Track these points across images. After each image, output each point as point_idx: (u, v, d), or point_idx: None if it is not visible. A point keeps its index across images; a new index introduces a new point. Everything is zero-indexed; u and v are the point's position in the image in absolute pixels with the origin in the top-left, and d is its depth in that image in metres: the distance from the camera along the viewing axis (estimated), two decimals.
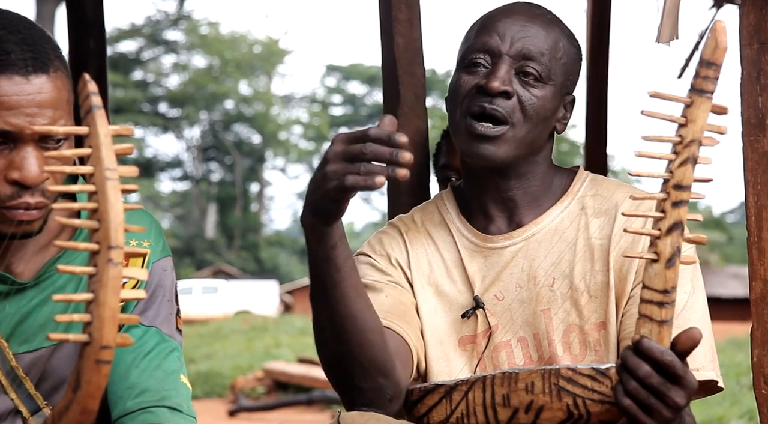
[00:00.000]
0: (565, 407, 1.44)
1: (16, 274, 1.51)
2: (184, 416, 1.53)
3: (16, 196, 1.42)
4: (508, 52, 1.63)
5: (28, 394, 1.51)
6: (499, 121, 1.62)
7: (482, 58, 1.65)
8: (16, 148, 1.41)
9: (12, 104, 1.39)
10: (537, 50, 1.64)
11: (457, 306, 1.68)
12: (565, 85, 1.68)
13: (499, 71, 1.62)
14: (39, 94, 1.40)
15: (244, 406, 10.66)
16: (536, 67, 1.63)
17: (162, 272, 1.58)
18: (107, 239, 1.10)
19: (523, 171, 1.68)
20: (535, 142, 1.66)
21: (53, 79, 1.42)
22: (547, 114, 1.65)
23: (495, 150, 1.62)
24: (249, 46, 44.73)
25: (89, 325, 1.11)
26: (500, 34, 1.64)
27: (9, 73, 1.39)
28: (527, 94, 1.63)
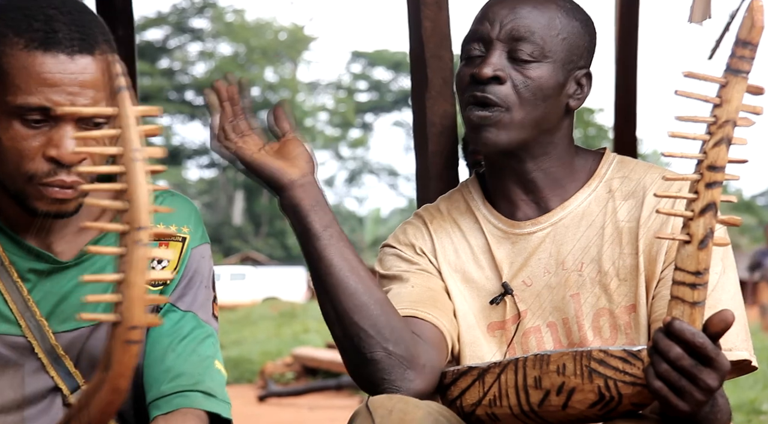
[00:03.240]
0: (596, 389, 1.43)
1: (56, 253, 1.53)
2: (218, 401, 1.55)
3: (53, 173, 1.44)
4: (498, 37, 1.63)
5: (68, 372, 1.53)
6: (493, 106, 1.61)
7: (477, 47, 1.65)
8: (55, 126, 1.43)
9: (55, 81, 1.41)
10: (527, 30, 1.62)
11: (486, 293, 1.68)
12: (570, 60, 1.65)
13: (490, 58, 1.62)
14: (82, 74, 1.42)
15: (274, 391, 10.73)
16: (527, 47, 1.62)
17: (200, 258, 1.60)
18: (135, 219, 1.11)
19: (539, 152, 1.66)
20: (542, 122, 1.64)
21: (98, 61, 1.44)
22: (549, 92, 1.63)
23: (495, 136, 1.61)
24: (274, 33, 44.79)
25: (119, 305, 1.12)
26: (490, 20, 1.64)
27: (54, 50, 1.41)
28: (521, 77, 1.62)
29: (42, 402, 1.53)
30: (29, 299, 1.51)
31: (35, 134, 1.43)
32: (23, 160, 1.43)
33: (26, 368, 1.52)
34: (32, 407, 1.52)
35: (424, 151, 2.33)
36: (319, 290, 1.54)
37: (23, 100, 1.41)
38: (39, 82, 1.41)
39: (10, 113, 1.42)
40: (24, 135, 1.43)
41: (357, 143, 47.64)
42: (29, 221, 1.51)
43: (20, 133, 1.43)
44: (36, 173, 1.44)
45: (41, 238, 1.52)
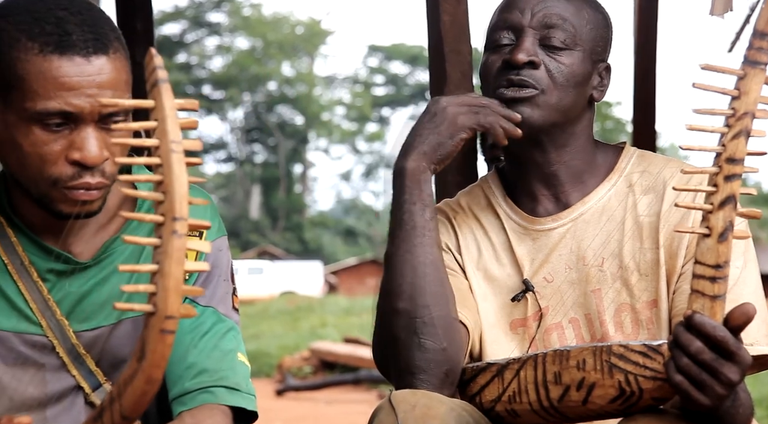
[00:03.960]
0: (617, 384, 1.43)
1: (75, 254, 1.54)
2: (243, 394, 1.55)
3: (77, 176, 1.44)
4: (530, 24, 1.63)
5: (89, 370, 1.54)
6: (529, 87, 1.62)
7: (506, 35, 1.65)
8: (76, 128, 1.43)
9: (73, 85, 1.41)
10: (559, 17, 1.63)
11: (507, 290, 1.67)
12: (595, 51, 1.66)
13: (524, 43, 1.62)
14: (99, 75, 1.42)
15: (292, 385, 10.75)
16: (560, 34, 1.63)
17: (218, 251, 1.59)
18: (172, 210, 1.12)
19: (562, 143, 1.67)
20: (570, 109, 1.65)
21: (113, 60, 1.43)
22: (579, 80, 1.64)
23: (530, 112, 1.61)
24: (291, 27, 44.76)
25: (154, 295, 1.13)
26: (520, 8, 1.64)
27: (70, 54, 1.41)
28: (554, 63, 1.62)
29: (64, 401, 1.53)
30: (49, 298, 1.52)
31: (56, 138, 1.42)
32: (46, 165, 1.43)
33: (48, 367, 1.52)
34: (55, 405, 1.53)
35: None
36: (406, 261, 1.54)
37: (43, 106, 1.40)
38: (57, 87, 1.40)
39: (30, 119, 1.42)
40: (45, 140, 1.42)
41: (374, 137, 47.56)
42: (49, 222, 1.51)
43: (41, 138, 1.42)
44: (60, 177, 1.44)
45: (60, 238, 1.52)
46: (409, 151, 1.57)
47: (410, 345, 1.52)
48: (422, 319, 1.52)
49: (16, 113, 1.43)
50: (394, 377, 1.56)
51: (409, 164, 1.56)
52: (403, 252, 1.54)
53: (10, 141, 1.45)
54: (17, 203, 1.53)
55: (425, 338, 1.51)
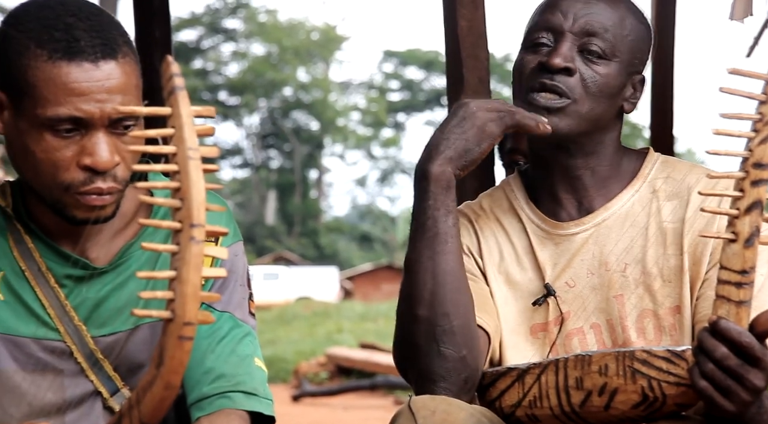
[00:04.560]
0: (639, 389, 1.42)
1: (91, 259, 1.54)
2: (260, 399, 1.55)
3: (89, 181, 1.44)
4: (571, 29, 1.61)
5: (108, 376, 1.54)
6: (562, 95, 1.60)
7: (545, 36, 1.63)
8: (87, 134, 1.43)
9: (82, 91, 1.41)
10: (601, 26, 1.61)
11: (528, 294, 1.66)
12: (632, 63, 1.65)
13: (561, 48, 1.60)
14: (108, 80, 1.42)
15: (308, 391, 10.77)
16: (600, 43, 1.61)
17: (234, 257, 1.59)
18: (189, 217, 1.12)
19: (590, 150, 1.65)
20: (600, 119, 1.64)
21: (122, 64, 1.43)
22: (612, 91, 1.63)
23: (557, 122, 1.60)
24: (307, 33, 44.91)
25: (172, 302, 1.13)
26: (563, 11, 1.62)
27: (79, 59, 1.41)
28: (590, 72, 1.61)
29: (82, 406, 1.53)
30: (67, 304, 1.52)
31: (68, 144, 1.43)
32: (58, 170, 1.43)
33: (66, 372, 1.52)
34: (73, 411, 1.53)
35: None
36: (426, 268, 1.53)
37: (53, 112, 1.41)
38: (67, 93, 1.40)
39: (41, 125, 1.42)
40: (56, 146, 1.43)
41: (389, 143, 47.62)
42: (65, 228, 1.51)
43: (52, 144, 1.43)
44: (72, 183, 1.44)
45: (77, 244, 1.52)
46: (435, 156, 1.55)
47: (430, 353, 1.52)
48: (442, 327, 1.51)
49: (28, 120, 1.43)
50: (413, 382, 1.56)
51: (435, 169, 1.54)
52: (424, 259, 1.53)
53: (24, 148, 1.45)
54: (33, 210, 1.54)
55: (445, 346, 1.51)
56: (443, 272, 1.52)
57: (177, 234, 1.13)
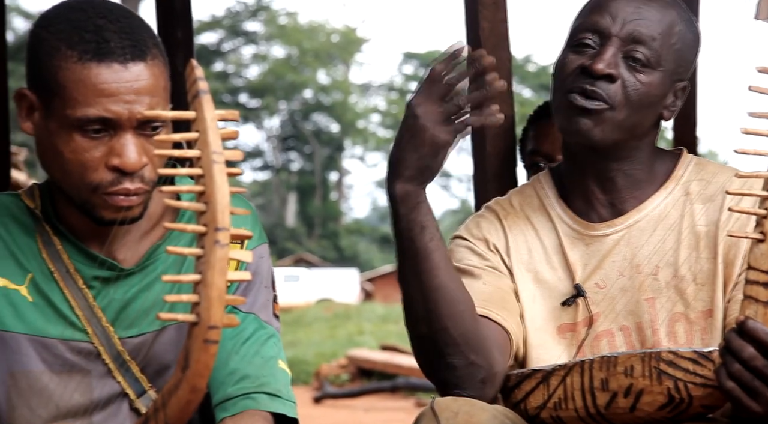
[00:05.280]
0: (665, 390, 1.42)
1: (120, 261, 1.55)
2: (284, 401, 1.55)
3: (116, 182, 1.45)
4: (618, 34, 1.59)
5: (134, 377, 1.54)
6: (601, 101, 1.59)
7: (591, 38, 1.61)
8: (115, 135, 1.44)
9: (111, 91, 1.42)
10: (648, 34, 1.59)
11: (557, 294, 1.65)
12: (677, 71, 1.62)
13: (606, 53, 1.58)
14: (137, 82, 1.43)
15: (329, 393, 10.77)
16: (646, 51, 1.58)
17: (259, 259, 1.59)
18: (214, 220, 1.12)
19: (624, 155, 1.64)
20: (636, 127, 1.62)
21: (150, 66, 1.44)
22: (652, 100, 1.60)
23: (592, 127, 1.58)
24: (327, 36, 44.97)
25: (197, 305, 1.13)
26: (612, 14, 1.60)
27: (108, 60, 1.42)
28: (632, 80, 1.58)
29: (110, 407, 1.54)
30: (95, 305, 1.53)
31: (96, 144, 1.44)
32: (87, 171, 1.45)
33: (94, 373, 1.53)
34: (100, 412, 1.53)
35: (482, 153, 2.33)
36: (415, 288, 1.51)
37: (82, 113, 1.42)
38: (96, 94, 1.42)
39: (71, 126, 1.43)
40: (85, 146, 1.44)
41: None
42: (93, 229, 1.52)
43: (81, 144, 1.44)
44: (100, 183, 1.45)
45: (105, 246, 1.53)
46: (396, 177, 1.49)
47: (439, 366, 1.52)
48: (443, 341, 1.51)
49: (58, 121, 1.44)
50: (436, 387, 1.56)
51: (399, 191, 1.49)
52: (411, 279, 1.52)
53: (53, 149, 1.46)
54: (62, 212, 1.55)
55: (451, 358, 1.51)
56: (432, 289, 1.50)
57: (202, 237, 1.14)
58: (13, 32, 29.65)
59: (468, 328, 1.51)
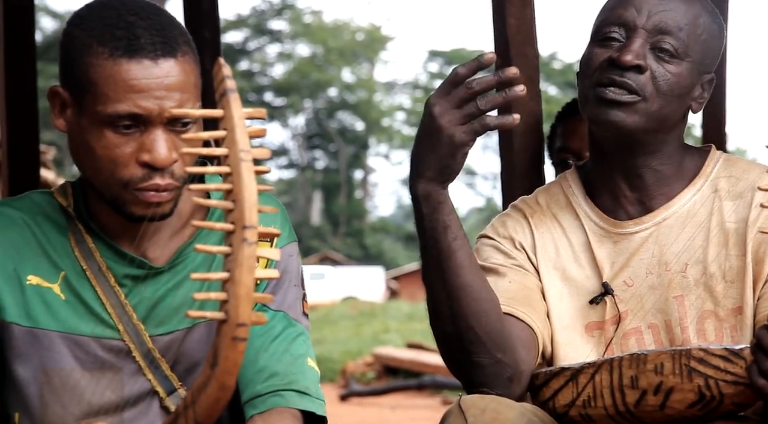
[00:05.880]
0: (696, 388, 1.41)
1: (151, 259, 1.56)
2: (312, 399, 1.55)
3: (147, 178, 1.46)
4: (644, 26, 1.59)
5: (164, 375, 1.55)
6: (631, 92, 1.58)
7: (617, 31, 1.60)
8: (146, 131, 1.45)
9: (141, 88, 1.43)
10: (675, 24, 1.59)
11: (585, 292, 1.65)
12: (704, 63, 1.62)
13: (633, 45, 1.58)
14: (167, 78, 1.44)
15: (355, 391, 10.79)
16: (673, 42, 1.58)
17: (288, 257, 1.60)
18: (242, 218, 1.13)
19: (653, 149, 1.63)
20: (667, 119, 1.61)
21: (181, 63, 1.45)
22: (682, 91, 1.60)
23: (625, 117, 1.57)
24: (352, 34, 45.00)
25: (225, 303, 1.14)
26: (637, 7, 1.60)
27: (139, 57, 1.43)
28: (661, 70, 1.58)
29: (140, 405, 1.55)
30: (126, 303, 1.54)
31: (127, 141, 1.45)
32: (117, 167, 1.46)
33: (125, 371, 1.54)
34: (131, 409, 1.54)
35: (510, 150, 2.32)
36: (439, 287, 1.51)
37: (113, 109, 1.43)
38: (126, 90, 1.43)
39: (102, 122, 1.45)
40: (116, 142, 1.45)
41: None
42: (125, 227, 1.53)
43: (112, 140, 1.45)
44: (131, 179, 1.46)
45: (136, 244, 1.54)
46: (417, 177, 1.48)
47: (466, 364, 1.52)
48: (469, 339, 1.50)
49: (89, 117, 1.46)
50: (462, 383, 1.56)
51: (420, 190, 1.48)
52: (435, 278, 1.51)
53: (85, 145, 1.48)
54: (94, 209, 1.56)
55: (477, 356, 1.51)
56: (456, 288, 1.50)
57: (230, 236, 1.14)
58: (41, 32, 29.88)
59: (493, 326, 1.50)
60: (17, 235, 1.55)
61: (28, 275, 1.53)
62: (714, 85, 1.67)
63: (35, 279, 1.54)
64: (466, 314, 1.49)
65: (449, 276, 1.49)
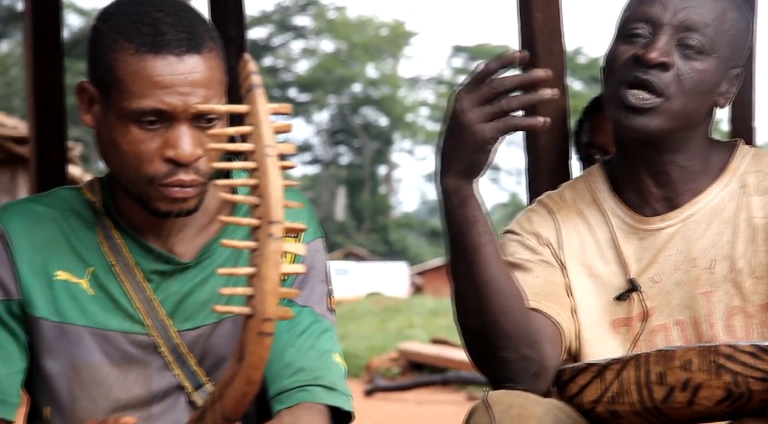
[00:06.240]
0: (724, 385, 1.40)
1: (178, 254, 1.56)
2: (339, 394, 1.56)
3: (171, 173, 1.46)
4: (670, 22, 1.58)
5: (192, 370, 1.55)
6: (654, 92, 1.57)
7: (642, 27, 1.59)
8: (171, 126, 1.45)
9: (166, 84, 1.43)
10: (701, 21, 1.57)
11: (611, 288, 1.64)
12: (731, 58, 1.61)
13: (659, 42, 1.56)
14: (192, 74, 1.44)
15: (381, 386, 10.81)
16: (699, 38, 1.57)
17: (314, 253, 1.60)
18: (268, 214, 1.13)
19: (678, 146, 1.62)
20: (692, 116, 1.60)
21: (206, 59, 1.46)
22: (708, 88, 1.59)
23: (647, 122, 1.57)
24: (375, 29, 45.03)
25: (252, 298, 1.14)
26: (663, 3, 1.58)
27: (164, 53, 1.44)
28: (687, 67, 1.57)
29: (167, 399, 1.56)
30: (154, 298, 1.55)
31: (152, 136, 1.46)
32: (143, 162, 1.46)
33: (152, 365, 1.55)
34: (159, 403, 1.55)
35: (536, 146, 2.31)
36: (466, 281, 1.51)
37: (138, 105, 1.44)
38: (151, 85, 1.43)
39: (127, 118, 1.45)
40: (141, 138, 1.46)
41: None
42: (152, 223, 1.54)
43: (138, 136, 1.46)
44: (156, 175, 1.47)
45: (163, 239, 1.55)
46: (446, 171, 1.48)
47: (492, 360, 1.52)
48: (495, 334, 1.50)
49: (115, 113, 1.47)
50: (488, 380, 1.55)
51: (449, 185, 1.48)
52: (462, 272, 1.51)
53: (111, 141, 1.49)
54: (121, 205, 1.57)
55: (503, 351, 1.50)
56: (483, 282, 1.49)
57: (256, 231, 1.15)
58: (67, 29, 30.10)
59: (520, 321, 1.50)
60: (46, 231, 1.56)
61: (56, 270, 1.55)
62: (742, 80, 1.65)
63: (64, 275, 1.55)
64: (493, 308, 1.49)
65: (476, 271, 1.49)
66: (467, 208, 1.48)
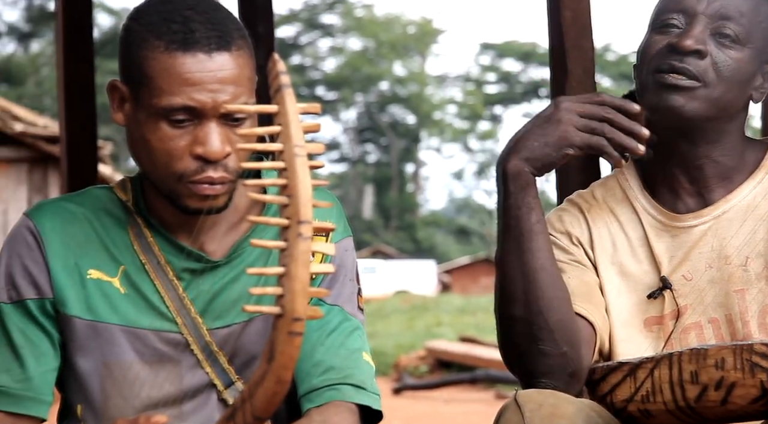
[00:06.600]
0: (759, 383, 1.39)
1: (208, 252, 1.57)
2: (368, 393, 1.56)
3: (200, 170, 1.47)
4: (705, 12, 1.57)
5: (222, 368, 1.56)
6: (693, 79, 1.56)
7: (676, 18, 1.58)
8: (200, 124, 1.46)
9: (195, 81, 1.44)
10: (736, 10, 1.57)
11: (643, 286, 1.63)
12: (765, 51, 1.60)
13: (693, 30, 1.56)
14: (221, 71, 1.45)
15: (409, 384, 10.81)
16: (734, 27, 1.56)
17: (344, 252, 1.60)
18: (297, 214, 1.13)
19: (713, 139, 1.61)
20: (729, 107, 1.59)
21: (235, 57, 1.46)
22: (744, 78, 1.58)
23: (685, 103, 1.55)
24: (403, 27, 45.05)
25: (281, 298, 1.14)
26: None
27: (193, 50, 1.45)
28: (722, 55, 1.56)
29: (199, 397, 1.56)
30: (185, 297, 1.55)
31: (181, 134, 1.47)
32: (172, 159, 1.47)
33: (183, 363, 1.55)
34: (190, 402, 1.56)
35: None
36: (515, 267, 1.51)
37: (168, 102, 1.45)
38: (181, 83, 1.44)
39: (157, 115, 1.46)
40: (171, 135, 1.47)
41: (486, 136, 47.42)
42: (183, 220, 1.55)
43: (167, 133, 1.47)
44: (185, 172, 1.47)
45: (193, 238, 1.56)
46: (513, 154, 1.51)
47: (530, 352, 1.51)
48: (539, 325, 1.50)
49: (145, 110, 1.48)
50: (519, 378, 1.55)
51: (511, 167, 1.50)
52: (513, 259, 1.51)
53: (141, 138, 1.50)
54: (152, 204, 1.58)
55: (544, 344, 1.50)
56: (533, 270, 1.50)
57: (285, 231, 1.15)
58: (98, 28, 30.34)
59: (565, 317, 1.50)
60: (78, 230, 1.56)
61: (89, 269, 1.55)
62: None
63: (96, 273, 1.56)
64: (540, 297, 1.49)
65: (528, 257, 1.50)
66: (526, 194, 1.50)
